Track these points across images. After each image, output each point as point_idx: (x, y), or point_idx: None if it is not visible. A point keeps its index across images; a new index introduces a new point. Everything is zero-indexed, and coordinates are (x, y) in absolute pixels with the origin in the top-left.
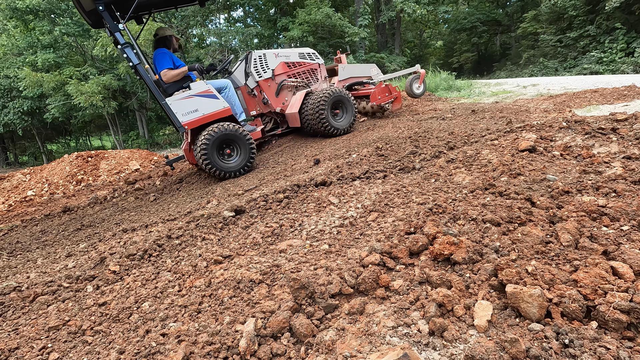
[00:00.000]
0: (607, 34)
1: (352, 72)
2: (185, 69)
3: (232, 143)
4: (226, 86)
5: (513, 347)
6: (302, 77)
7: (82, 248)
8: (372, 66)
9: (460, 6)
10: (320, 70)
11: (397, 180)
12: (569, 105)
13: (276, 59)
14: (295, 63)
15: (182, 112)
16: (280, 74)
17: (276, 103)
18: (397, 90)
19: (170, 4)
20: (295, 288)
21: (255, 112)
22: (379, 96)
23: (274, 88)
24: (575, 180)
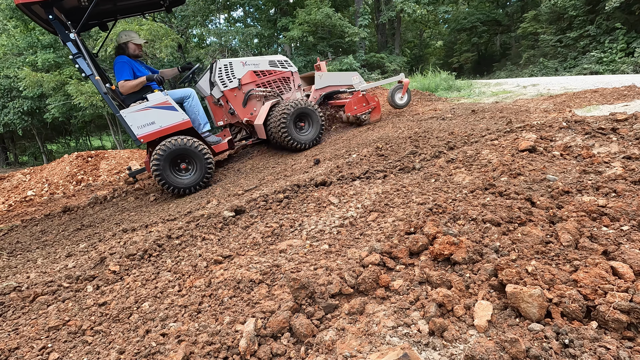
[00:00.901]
0: (607, 34)
1: (330, 81)
2: (144, 79)
3: (187, 158)
4: (189, 95)
5: (513, 347)
6: (273, 86)
7: (82, 248)
8: (354, 74)
9: (460, 6)
10: (294, 78)
11: (397, 180)
12: (569, 105)
13: (244, 67)
14: (265, 71)
15: (138, 124)
16: (248, 83)
17: (243, 113)
18: (376, 100)
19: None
20: (295, 288)
21: (223, 123)
22: (355, 106)
23: (241, 98)
24: (575, 180)
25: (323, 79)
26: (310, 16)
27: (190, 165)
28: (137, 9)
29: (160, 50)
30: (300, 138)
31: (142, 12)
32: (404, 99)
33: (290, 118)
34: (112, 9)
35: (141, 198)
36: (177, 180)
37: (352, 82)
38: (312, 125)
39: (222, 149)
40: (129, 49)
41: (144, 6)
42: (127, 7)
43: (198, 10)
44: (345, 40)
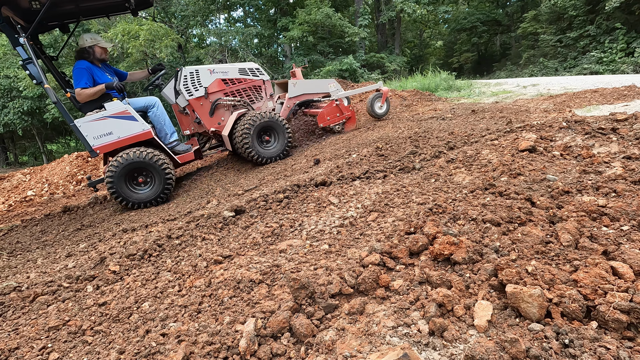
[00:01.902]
0: (607, 34)
1: (305, 89)
2: (102, 87)
3: (145, 171)
4: (154, 104)
5: (513, 347)
6: (243, 95)
7: (82, 248)
8: (331, 81)
9: (460, 6)
10: (266, 87)
11: (397, 180)
12: (569, 105)
13: (211, 75)
14: (235, 80)
15: (94, 134)
16: (215, 91)
17: (210, 123)
18: (350, 110)
19: (96, 13)
20: (295, 288)
21: (190, 132)
22: (328, 116)
23: (208, 107)
24: (575, 180)
25: (297, 86)
26: (310, 16)
27: (149, 179)
28: (101, 10)
29: (160, 50)
30: (264, 152)
31: (107, 14)
32: (383, 108)
33: (253, 131)
34: (74, 10)
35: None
36: (133, 194)
37: (329, 89)
38: (278, 139)
39: (188, 159)
40: (95, 53)
41: (108, 8)
42: (91, 8)
43: (198, 10)
44: (345, 40)
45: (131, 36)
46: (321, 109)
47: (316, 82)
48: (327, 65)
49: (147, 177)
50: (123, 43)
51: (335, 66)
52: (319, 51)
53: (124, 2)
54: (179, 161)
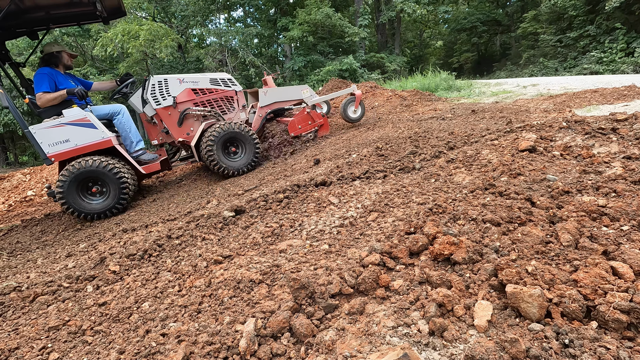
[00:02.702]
0: (607, 34)
1: (277, 97)
2: (64, 92)
3: (100, 181)
4: (119, 112)
5: (513, 347)
6: (214, 105)
7: (82, 248)
8: (304, 88)
9: (460, 6)
10: (238, 98)
11: (397, 180)
12: (569, 105)
13: (180, 84)
14: (205, 90)
15: (50, 142)
16: (184, 101)
17: (178, 133)
18: (323, 117)
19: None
20: (295, 288)
21: (158, 142)
22: (299, 125)
23: (176, 117)
24: (575, 180)
25: (268, 95)
26: (310, 16)
27: (104, 189)
28: (72, 19)
29: (160, 50)
30: (229, 164)
31: (78, 23)
32: (357, 112)
33: (217, 143)
34: (43, 17)
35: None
36: (86, 205)
37: (302, 96)
38: (245, 151)
39: (153, 169)
40: (62, 58)
41: (79, 16)
42: (61, 16)
43: (198, 10)
44: (345, 40)
45: (131, 36)
46: (289, 119)
47: (288, 90)
48: (327, 65)
49: (103, 187)
50: (123, 43)
51: (335, 66)
52: (319, 51)
53: (94, 11)
54: (143, 171)
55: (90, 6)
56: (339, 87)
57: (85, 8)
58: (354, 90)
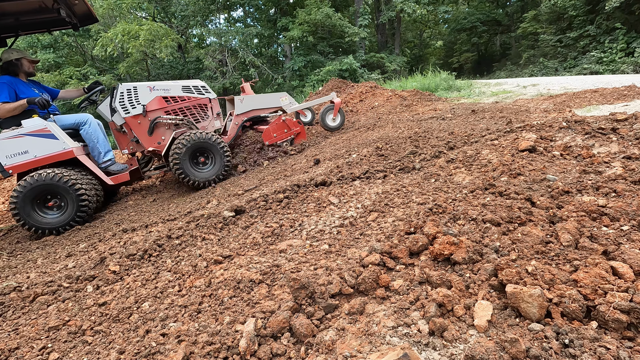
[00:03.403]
0: (607, 34)
1: (253, 104)
2: (24, 102)
3: (57, 194)
4: (85, 121)
5: (513, 347)
6: (187, 114)
7: (82, 248)
8: (282, 95)
9: (460, 6)
10: (212, 105)
11: (397, 180)
12: (569, 105)
13: (151, 92)
14: (177, 97)
15: (8, 153)
16: (155, 109)
17: (149, 142)
18: (299, 125)
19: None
20: (295, 288)
21: (128, 151)
22: (275, 133)
23: (146, 126)
24: (575, 180)
25: (245, 102)
26: (310, 16)
27: (62, 202)
28: (42, 25)
29: (160, 50)
30: (197, 175)
31: (48, 29)
32: (336, 120)
33: (184, 154)
34: (12, 24)
35: (141, 198)
36: (41, 219)
37: (281, 103)
38: (214, 161)
39: (122, 180)
40: (22, 66)
41: (49, 23)
42: (31, 23)
43: (198, 10)
44: (345, 40)
45: (131, 36)
46: (265, 127)
47: (266, 97)
48: (327, 65)
49: (61, 201)
50: (123, 43)
51: (335, 66)
52: (319, 51)
53: (64, 18)
54: (111, 182)
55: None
56: (339, 87)
57: (53, 15)
58: (333, 98)
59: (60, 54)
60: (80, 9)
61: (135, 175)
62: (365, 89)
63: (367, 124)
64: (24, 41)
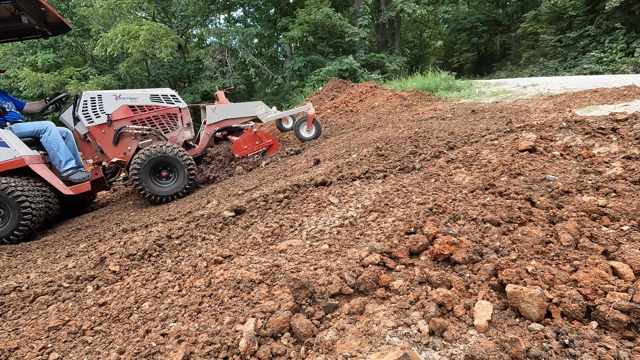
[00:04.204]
0: (607, 34)
1: (226, 114)
2: None
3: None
4: (45, 129)
5: (513, 347)
6: (155, 123)
7: (82, 248)
8: (258, 104)
9: (460, 6)
10: (182, 115)
11: (397, 180)
12: (569, 105)
13: (116, 101)
14: (145, 107)
15: None
16: (120, 119)
17: (114, 153)
18: (272, 137)
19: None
20: (295, 288)
21: (93, 161)
22: (245, 145)
23: (111, 135)
24: (575, 180)
25: (217, 111)
26: (310, 16)
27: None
28: (13, 34)
29: (160, 50)
30: (158, 189)
31: (20, 38)
32: (310, 132)
33: (144, 168)
34: None
35: (141, 198)
36: None
37: (256, 113)
38: (177, 175)
39: (83, 190)
40: None
41: (20, 32)
42: (2, 31)
43: (198, 10)
44: (345, 40)
45: (131, 36)
46: (236, 138)
47: (240, 106)
48: (327, 65)
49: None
50: (123, 43)
51: (335, 66)
52: (319, 51)
53: (33, 26)
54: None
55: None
56: (339, 87)
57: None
58: (308, 109)
59: (60, 54)
60: (51, 18)
61: (100, 185)
62: (365, 89)
63: (367, 124)
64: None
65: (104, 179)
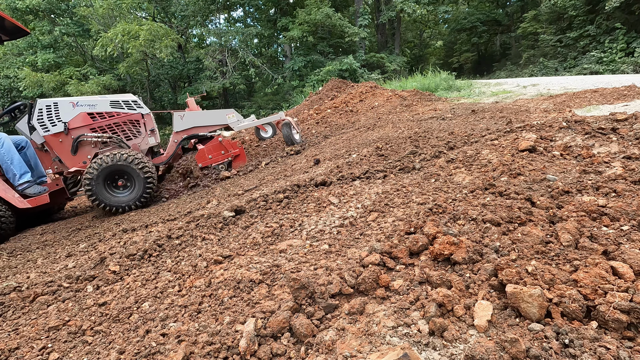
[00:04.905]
0: (607, 34)
1: (195, 121)
2: None
3: None
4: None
5: (513, 347)
6: (116, 131)
7: (82, 248)
8: (229, 112)
9: (460, 6)
10: (145, 121)
11: (397, 180)
12: (569, 105)
13: (74, 109)
14: (105, 113)
15: None
16: (78, 127)
17: (72, 162)
18: (239, 147)
19: None
20: (295, 288)
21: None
22: (210, 155)
23: (69, 144)
24: (575, 180)
25: (185, 119)
26: (310, 16)
27: None
28: None
29: (160, 50)
30: (112, 199)
31: None
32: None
33: (96, 178)
34: None
35: None
36: None
37: (227, 121)
38: (134, 184)
39: (40, 202)
40: None
41: None
42: None
43: (198, 10)
44: (345, 40)
45: (131, 36)
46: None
47: (210, 114)
48: (327, 65)
49: None
50: (123, 43)
51: (335, 66)
52: (319, 51)
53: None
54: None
55: None
56: (339, 87)
57: None
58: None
59: (60, 54)
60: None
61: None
62: (365, 89)
63: (367, 124)
64: (24, 41)
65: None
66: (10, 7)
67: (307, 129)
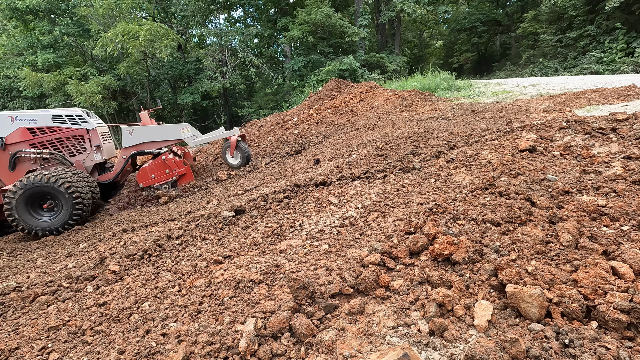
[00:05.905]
0: (607, 34)
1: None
2: None
3: None
4: None
5: (513, 347)
6: (58, 146)
7: (82, 248)
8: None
9: (460, 6)
10: (90, 137)
11: (397, 180)
12: (569, 105)
13: (12, 123)
14: (46, 129)
15: None
16: (17, 142)
17: (10, 179)
18: (184, 166)
19: None
20: (295, 288)
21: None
22: (152, 174)
23: (6, 160)
24: (575, 180)
25: (134, 134)
26: (310, 16)
27: None
28: None
29: (160, 50)
30: (35, 223)
31: None
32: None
33: (19, 198)
34: None
35: None
36: None
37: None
38: (61, 207)
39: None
40: None
41: None
42: None
43: (198, 10)
44: (345, 40)
45: (131, 36)
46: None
47: (162, 128)
48: (327, 65)
49: None
50: (123, 43)
51: (335, 66)
52: (319, 51)
53: None
54: None
55: None
56: (339, 87)
57: None
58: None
59: (60, 54)
60: None
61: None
62: (365, 89)
63: (367, 124)
64: (24, 42)
65: None
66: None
67: (307, 129)
